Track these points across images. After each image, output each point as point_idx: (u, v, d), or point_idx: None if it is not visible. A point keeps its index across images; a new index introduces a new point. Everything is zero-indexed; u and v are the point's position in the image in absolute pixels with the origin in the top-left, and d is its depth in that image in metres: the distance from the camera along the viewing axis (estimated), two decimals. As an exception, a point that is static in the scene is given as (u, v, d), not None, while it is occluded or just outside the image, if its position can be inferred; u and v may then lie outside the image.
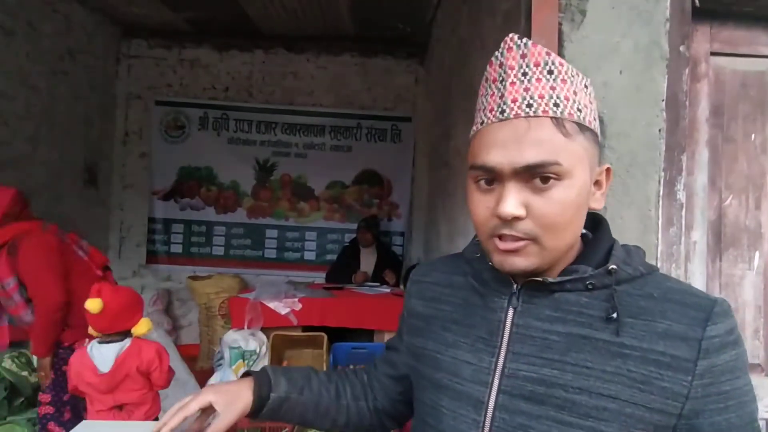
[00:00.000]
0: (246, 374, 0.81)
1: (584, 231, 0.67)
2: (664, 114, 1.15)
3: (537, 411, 0.59)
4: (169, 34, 4.41)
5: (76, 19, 3.82)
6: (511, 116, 0.58)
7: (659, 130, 1.14)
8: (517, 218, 0.58)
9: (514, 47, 0.60)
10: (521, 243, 0.59)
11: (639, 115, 1.13)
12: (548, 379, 0.59)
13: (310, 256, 4.54)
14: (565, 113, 0.58)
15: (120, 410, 1.80)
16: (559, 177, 0.57)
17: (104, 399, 1.79)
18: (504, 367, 0.62)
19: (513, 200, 0.57)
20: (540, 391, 0.59)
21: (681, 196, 1.19)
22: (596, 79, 1.11)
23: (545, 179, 0.57)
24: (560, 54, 1.12)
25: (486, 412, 0.62)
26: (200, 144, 4.43)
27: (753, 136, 1.26)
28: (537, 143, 0.57)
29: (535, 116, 0.57)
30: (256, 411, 0.77)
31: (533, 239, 0.58)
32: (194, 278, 4.15)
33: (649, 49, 1.13)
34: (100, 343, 1.80)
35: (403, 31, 4.12)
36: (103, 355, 1.78)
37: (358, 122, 4.47)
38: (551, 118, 0.57)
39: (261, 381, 0.77)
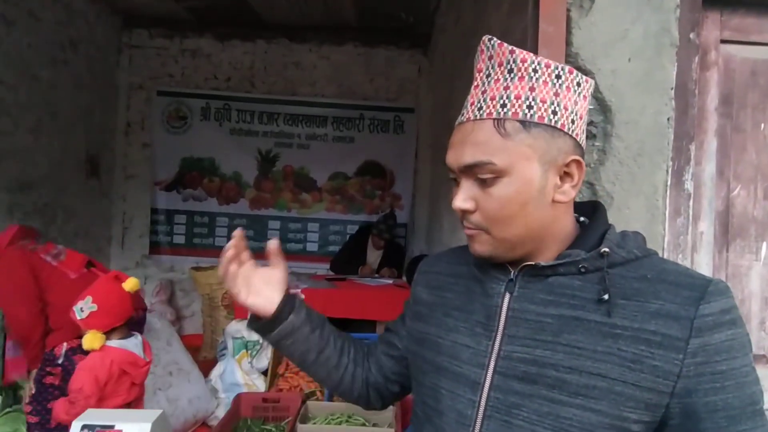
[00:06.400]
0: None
1: (582, 218, 0.70)
2: (673, 102, 1.13)
3: (529, 390, 0.61)
4: (171, 24, 4.38)
5: (77, 8, 3.79)
6: (464, 120, 0.65)
7: (668, 119, 1.13)
8: (466, 211, 0.64)
9: (485, 49, 0.64)
10: (474, 232, 0.65)
11: (648, 103, 1.11)
12: (540, 360, 0.61)
13: (312, 247, 4.54)
14: (509, 113, 0.61)
15: None
16: (497, 175, 0.61)
17: None
18: (500, 349, 0.64)
19: (461, 195, 0.64)
20: (532, 371, 0.61)
21: (689, 185, 1.18)
22: (605, 66, 1.10)
23: (484, 177, 0.62)
24: (568, 41, 1.10)
25: (482, 392, 0.64)
26: (202, 135, 4.42)
27: (762, 125, 1.24)
28: (474, 144, 0.62)
29: (480, 119, 0.62)
30: (271, 325, 0.78)
31: (483, 230, 0.64)
32: (197, 269, 4.16)
33: (659, 36, 1.11)
34: None
35: (406, 21, 4.08)
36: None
37: (360, 113, 4.45)
38: (493, 119, 0.61)
39: (287, 301, 0.79)
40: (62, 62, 3.66)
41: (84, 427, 1.31)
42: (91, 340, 1.70)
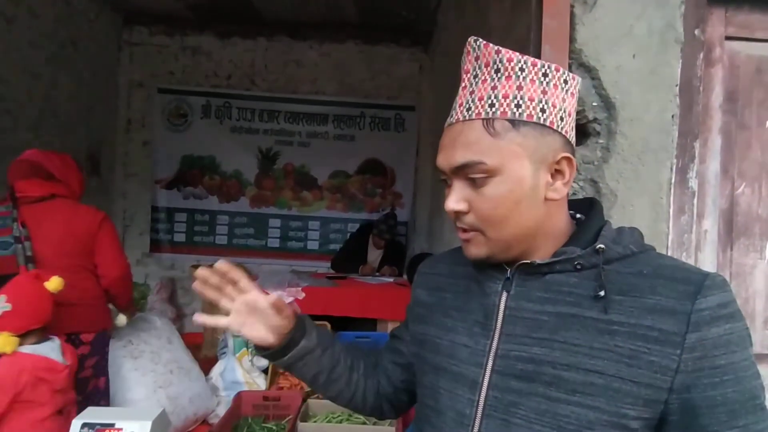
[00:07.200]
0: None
1: (579, 215, 0.70)
2: (678, 99, 1.12)
3: (527, 388, 0.61)
4: (171, 21, 4.37)
5: (77, 6, 3.78)
6: (453, 121, 0.65)
7: (672, 116, 1.12)
8: (459, 212, 0.64)
9: (471, 50, 0.65)
10: (470, 234, 0.65)
11: (652, 100, 1.10)
12: (537, 358, 0.61)
13: (313, 245, 4.53)
14: (498, 113, 0.61)
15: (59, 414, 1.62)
16: (489, 174, 0.61)
17: None
18: (498, 348, 0.64)
19: (453, 197, 0.64)
20: (530, 369, 0.61)
21: (693, 183, 1.17)
22: (609, 62, 1.09)
23: (475, 178, 0.62)
24: (572, 38, 1.09)
25: (481, 391, 0.64)
26: (203, 132, 4.41)
27: (767, 123, 1.23)
28: (465, 145, 0.62)
29: (469, 119, 0.62)
30: (282, 350, 0.75)
31: (479, 231, 0.64)
32: (197, 267, 4.15)
33: (664, 32, 1.10)
34: None
35: (408, 19, 4.07)
36: None
37: (361, 111, 4.44)
38: (482, 119, 0.61)
39: (298, 325, 0.77)
40: (62, 59, 3.65)
41: (84, 425, 1.31)
42: (2, 343, 1.54)
